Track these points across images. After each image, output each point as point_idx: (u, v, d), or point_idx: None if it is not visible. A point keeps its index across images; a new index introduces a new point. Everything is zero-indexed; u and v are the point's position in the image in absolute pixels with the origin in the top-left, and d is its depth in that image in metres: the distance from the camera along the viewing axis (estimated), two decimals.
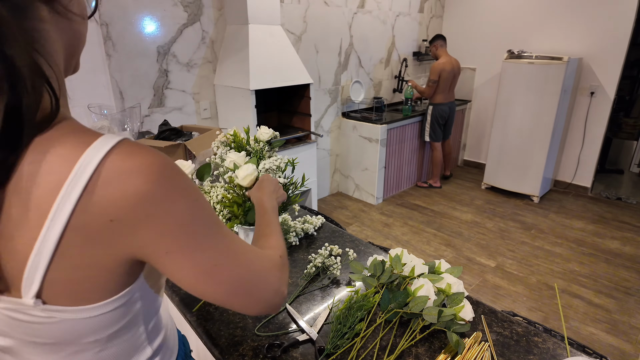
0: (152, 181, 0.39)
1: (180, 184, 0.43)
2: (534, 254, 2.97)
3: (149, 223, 0.40)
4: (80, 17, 0.47)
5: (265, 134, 1.06)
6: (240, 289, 0.49)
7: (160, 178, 0.40)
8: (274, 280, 0.53)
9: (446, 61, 3.77)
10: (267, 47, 2.67)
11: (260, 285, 0.51)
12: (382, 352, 0.82)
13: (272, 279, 0.53)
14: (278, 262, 0.57)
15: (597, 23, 3.64)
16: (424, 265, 1.00)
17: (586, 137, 3.96)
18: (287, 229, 1.28)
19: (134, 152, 0.40)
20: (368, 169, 3.83)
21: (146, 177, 0.39)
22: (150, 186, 0.39)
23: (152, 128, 2.61)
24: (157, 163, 0.40)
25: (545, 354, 0.82)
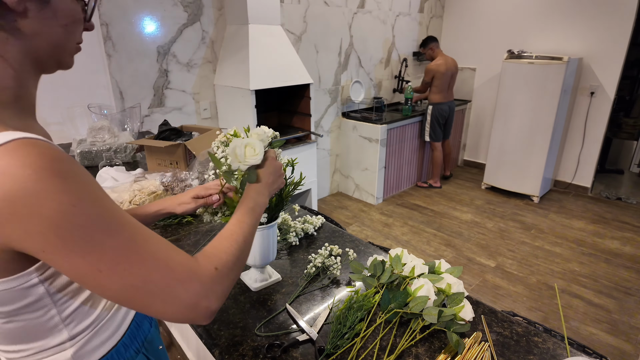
0: (21, 181, 0.40)
1: (55, 185, 0.42)
2: (534, 254, 2.97)
3: (14, 221, 0.41)
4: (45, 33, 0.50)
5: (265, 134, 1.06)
6: (134, 299, 0.47)
7: (29, 179, 0.40)
8: (186, 296, 0.49)
9: (441, 62, 3.80)
10: (267, 47, 2.67)
11: (162, 297, 0.48)
12: (382, 352, 0.82)
13: (181, 291, 0.49)
14: (203, 276, 0.52)
15: (597, 23, 3.64)
16: (424, 265, 1.00)
17: (586, 137, 3.96)
18: (287, 229, 1.28)
19: (9, 152, 0.41)
20: (368, 169, 3.83)
21: (15, 177, 0.40)
22: (18, 186, 0.40)
23: (152, 128, 2.61)
24: (30, 164, 0.41)
25: (545, 354, 0.82)
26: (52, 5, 0.50)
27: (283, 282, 1.06)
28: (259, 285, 1.03)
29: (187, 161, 1.64)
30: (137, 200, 1.34)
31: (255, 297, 1.00)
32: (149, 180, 1.46)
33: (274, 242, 1.00)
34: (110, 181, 1.51)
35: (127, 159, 1.97)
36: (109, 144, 1.92)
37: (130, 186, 1.40)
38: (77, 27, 0.54)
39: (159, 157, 1.68)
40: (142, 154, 2.02)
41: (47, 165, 0.42)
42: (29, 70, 0.51)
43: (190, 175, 1.50)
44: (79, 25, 0.54)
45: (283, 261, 1.17)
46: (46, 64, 0.53)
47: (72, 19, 0.53)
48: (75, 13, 0.53)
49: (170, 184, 1.48)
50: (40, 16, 0.49)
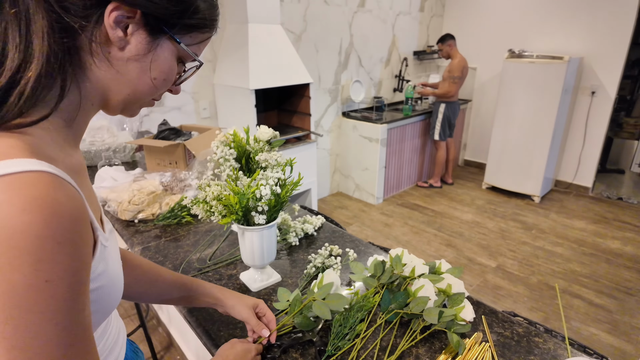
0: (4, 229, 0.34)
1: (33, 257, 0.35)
2: (535, 254, 2.97)
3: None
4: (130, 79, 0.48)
5: (265, 134, 1.05)
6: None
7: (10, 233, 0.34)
8: None
9: (463, 58, 3.77)
10: (267, 46, 2.67)
11: None
12: (383, 352, 0.81)
13: None
14: None
15: (598, 22, 3.64)
16: (425, 265, 1.00)
17: (587, 137, 3.95)
18: (287, 229, 1.27)
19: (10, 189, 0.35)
20: (368, 169, 3.82)
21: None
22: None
23: (151, 127, 2.61)
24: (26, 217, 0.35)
25: (546, 354, 0.81)
26: (155, 55, 0.48)
27: (283, 282, 1.06)
28: (259, 285, 1.03)
29: (187, 161, 1.63)
30: (136, 200, 1.34)
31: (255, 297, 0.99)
32: (148, 180, 1.46)
33: (274, 242, 0.99)
34: (110, 181, 1.51)
35: (126, 158, 1.96)
36: (108, 144, 1.92)
37: (130, 186, 1.40)
38: (164, 86, 0.52)
39: (158, 157, 1.68)
40: (141, 153, 2.02)
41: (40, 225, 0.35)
42: (95, 105, 0.49)
43: (190, 175, 1.49)
44: (167, 85, 0.52)
45: (283, 261, 1.16)
46: (114, 107, 0.51)
47: (163, 77, 0.50)
48: (171, 73, 0.51)
49: (170, 184, 1.48)
50: (138, 60, 0.47)
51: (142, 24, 0.45)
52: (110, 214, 1.38)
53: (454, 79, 3.77)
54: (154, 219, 1.35)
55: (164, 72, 0.50)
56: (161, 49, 0.48)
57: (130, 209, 1.33)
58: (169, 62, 0.50)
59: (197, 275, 1.09)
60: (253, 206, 0.88)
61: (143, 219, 1.35)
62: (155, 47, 0.48)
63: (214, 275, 1.09)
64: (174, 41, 0.49)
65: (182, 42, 0.50)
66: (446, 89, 3.83)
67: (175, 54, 0.50)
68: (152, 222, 1.34)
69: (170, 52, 0.50)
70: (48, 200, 0.36)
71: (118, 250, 0.61)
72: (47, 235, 0.36)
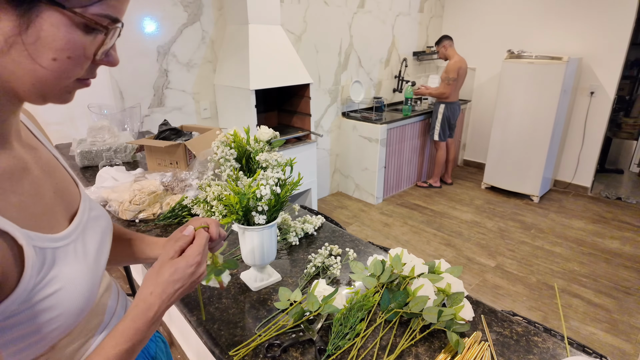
0: None
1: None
2: (534, 254, 2.98)
3: None
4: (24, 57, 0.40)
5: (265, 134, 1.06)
6: None
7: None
8: None
9: (460, 59, 3.77)
10: (267, 47, 2.67)
11: None
12: (382, 351, 0.82)
13: None
14: None
15: (597, 23, 3.64)
16: (424, 265, 1.00)
17: (586, 137, 3.96)
18: (287, 228, 1.28)
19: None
20: (368, 169, 3.83)
21: None
22: None
23: (152, 128, 2.61)
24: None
25: (545, 353, 0.82)
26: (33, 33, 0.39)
27: (283, 282, 1.06)
28: (259, 285, 1.03)
29: (187, 161, 1.64)
30: (137, 200, 1.35)
31: (255, 297, 1.00)
32: (149, 180, 1.46)
33: (274, 242, 1.00)
34: (110, 181, 1.51)
35: (127, 158, 1.97)
36: (109, 144, 1.92)
37: (130, 186, 1.40)
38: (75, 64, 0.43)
39: (159, 157, 1.69)
40: (142, 153, 2.02)
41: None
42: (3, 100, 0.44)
43: (191, 175, 1.50)
44: (79, 62, 0.43)
45: (283, 261, 1.17)
46: (29, 98, 0.44)
47: (66, 55, 0.41)
48: (73, 48, 0.41)
49: (170, 184, 1.48)
50: (14, 45, 0.39)
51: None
52: (111, 214, 1.38)
53: (449, 81, 3.78)
54: (154, 218, 1.36)
55: (59, 49, 0.40)
56: (40, 21, 0.38)
57: (131, 208, 1.33)
58: (60, 35, 0.40)
59: None
60: (253, 206, 0.89)
61: (144, 219, 1.36)
62: (30, 23, 0.38)
63: None
64: (56, 7, 0.38)
65: (69, 5, 0.39)
66: (441, 90, 3.85)
67: (67, 23, 0.40)
68: (153, 222, 1.35)
69: (57, 22, 0.39)
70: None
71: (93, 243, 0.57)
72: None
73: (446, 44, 3.83)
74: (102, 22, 0.42)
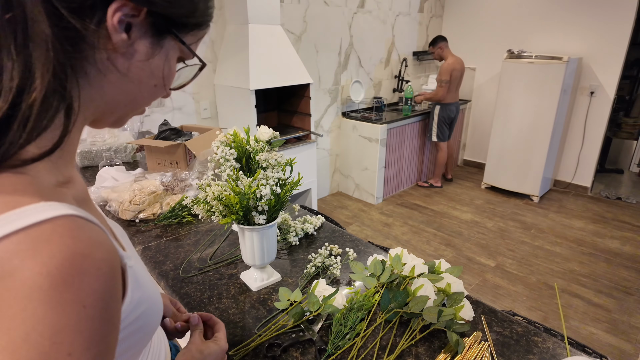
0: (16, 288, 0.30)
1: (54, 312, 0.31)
2: (534, 254, 2.98)
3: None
4: (132, 83, 0.42)
5: (265, 134, 1.06)
6: None
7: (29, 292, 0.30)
8: None
9: (454, 61, 3.76)
10: (267, 47, 2.67)
11: None
12: (382, 351, 0.82)
13: None
14: None
15: (597, 23, 3.64)
16: (424, 265, 1.00)
17: (586, 137, 3.96)
18: (287, 228, 1.28)
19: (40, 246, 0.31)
20: (368, 169, 3.83)
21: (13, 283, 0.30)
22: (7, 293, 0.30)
23: (152, 128, 2.61)
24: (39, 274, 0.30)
25: (545, 353, 0.82)
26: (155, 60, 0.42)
27: (283, 282, 1.06)
28: (259, 285, 1.03)
29: (187, 161, 1.64)
30: (137, 200, 1.35)
31: (255, 297, 1.00)
32: (149, 180, 1.46)
33: (274, 242, 1.00)
34: (111, 181, 1.51)
35: (127, 158, 1.97)
36: (109, 144, 1.92)
37: (131, 186, 1.40)
38: (164, 91, 0.46)
39: (159, 157, 1.69)
40: (142, 153, 2.02)
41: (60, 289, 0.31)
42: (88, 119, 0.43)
43: (191, 175, 1.50)
44: (166, 90, 0.46)
45: (283, 261, 1.17)
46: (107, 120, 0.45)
47: (164, 82, 0.45)
48: (172, 76, 0.46)
49: (170, 184, 1.48)
50: (142, 65, 0.41)
51: (148, 24, 0.40)
52: (111, 214, 1.38)
53: (441, 83, 3.78)
54: (154, 218, 1.36)
55: (167, 76, 0.45)
56: (166, 50, 0.43)
57: (131, 208, 1.33)
58: (172, 65, 0.45)
59: (198, 274, 1.10)
60: (253, 206, 0.89)
61: (144, 219, 1.36)
62: (160, 50, 0.42)
63: (214, 275, 1.09)
64: (178, 42, 0.43)
65: (185, 40, 0.44)
66: (434, 93, 3.88)
67: (177, 55, 0.45)
68: (153, 222, 1.35)
69: (174, 53, 0.44)
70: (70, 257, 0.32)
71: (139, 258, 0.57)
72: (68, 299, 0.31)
73: (442, 45, 3.82)
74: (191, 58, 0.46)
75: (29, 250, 0.31)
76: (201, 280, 1.07)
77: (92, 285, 0.33)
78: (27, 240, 0.31)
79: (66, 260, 0.32)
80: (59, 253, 0.32)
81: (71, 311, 0.32)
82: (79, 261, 0.32)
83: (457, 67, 3.76)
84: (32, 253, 0.31)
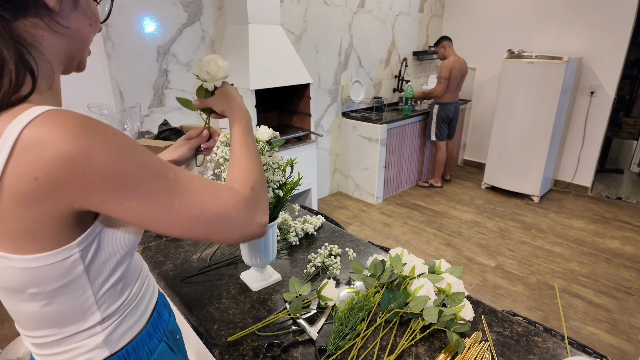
0: (66, 143, 0.43)
1: (98, 140, 0.46)
2: (534, 254, 2.97)
3: (72, 181, 0.45)
4: (75, 31, 0.55)
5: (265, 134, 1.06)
6: (197, 229, 0.53)
7: (75, 139, 0.44)
8: (239, 216, 0.56)
9: (455, 60, 3.78)
10: (267, 47, 2.67)
11: (221, 225, 0.54)
12: (383, 351, 0.82)
13: (236, 215, 0.56)
14: (246, 197, 0.59)
15: (597, 22, 3.64)
16: (424, 265, 1.00)
17: (586, 137, 3.96)
18: (287, 228, 1.28)
19: (49, 119, 0.44)
20: (368, 169, 3.83)
21: (61, 140, 0.43)
22: (65, 147, 0.43)
23: (152, 128, 2.61)
24: (71, 126, 0.45)
25: (546, 353, 0.82)
26: (81, 5, 0.56)
27: (283, 282, 1.06)
28: (259, 285, 1.03)
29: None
30: None
31: (255, 297, 1.00)
32: None
33: (274, 242, 1.00)
34: None
35: None
36: None
37: None
38: (97, 26, 0.60)
39: None
40: None
41: (85, 124, 0.46)
42: (59, 66, 0.56)
43: None
44: (98, 25, 0.60)
45: (283, 261, 1.17)
46: (72, 62, 0.58)
47: (95, 19, 0.59)
48: (97, 13, 0.59)
49: None
50: (73, 15, 0.54)
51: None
52: None
53: (440, 79, 3.82)
54: None
55: (91, 15, 0.58)
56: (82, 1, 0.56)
57: None
58: (92, 5, 0.58)
59: (198, 275, 1.10)
60: None
61: None
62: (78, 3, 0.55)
63: (214, 275, 1.09)
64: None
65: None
66: (432, 89, 3.91)
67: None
68: None
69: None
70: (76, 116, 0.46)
71: None
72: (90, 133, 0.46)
73: (445, 45, 3.85)
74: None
75: (47, 124, 0.44)
76: (201, 280, 1.07)
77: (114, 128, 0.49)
78: (41, 120, 0.44)
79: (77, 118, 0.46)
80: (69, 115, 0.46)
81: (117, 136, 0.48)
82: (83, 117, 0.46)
83: (457, 66, 3.76)
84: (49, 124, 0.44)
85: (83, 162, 0.44)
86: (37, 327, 0.57)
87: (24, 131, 0.43)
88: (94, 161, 0.45)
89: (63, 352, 0.59)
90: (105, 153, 0.46)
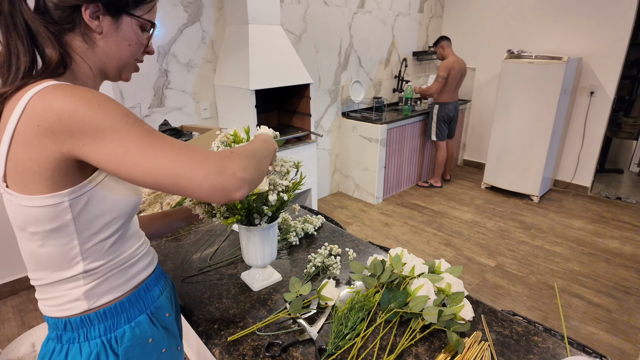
0: (62, 101, 0.55)
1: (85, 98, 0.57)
2: (534, 254, 2.98)
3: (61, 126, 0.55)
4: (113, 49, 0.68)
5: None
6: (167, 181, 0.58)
7: (69, 98, 0.55)
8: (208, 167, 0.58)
9: (455, 60, 3.78)
10: (267, 47, 2.67)
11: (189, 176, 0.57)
12: (382, 351, 0.82)
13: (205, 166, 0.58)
14: (220, 153, 0.62)
15: (597, 23, 3.64)
16: (424, 264, 1.00)
17: (586, 137, 3.96)
18: (287, 228, 1.28)
19: (54, 87, 0.57)
20: (368, 169, 3.83)
21: (58, 99, 0.55)
22: (61, 103, 0.55)
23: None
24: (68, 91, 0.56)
25: (545, 353, 0.82)
26: (122, 29, 0.67)
27: (283, 282, 1.06)
28: (260, 285, 1.03)
29: None
30: None
31: (256, 297, 1.00)
32: None
33: (275, 242, 1.00)
34: None
35: None
36: None
37: None
38: (139, 49, 0.71)
39: None
40: None
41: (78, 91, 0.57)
42: (100, 75, 0.70)
43: None
44: (140, 48, 0.72)
45: (283, 261, 1.17)
46: (112, 74, 0.71)
47: (135, 42, 0.70)
48: (139, 38, 0.70)
49: None
50: (113, 36, 0.67)
51: (106, 11, 0.65)
52: None
53: (437, 78, 3.83)
54: None
55: (133, 39, 0.69)
56: (125, 24, 0.67)
57: None
58: (133, 31, 0.69)
59: (198, 275, 1.10)
60: (259, 209, 0.89)
61: None
62: (120, 24, 0.67)
63: (214, 275, 1.09)
64: (131, 16, 0.68)
65: (136, 14, 0.68)
66: (428, 87, 3.91)
67: (136, 24, 0.69)
68: None
69: (132, 24, 0.68)
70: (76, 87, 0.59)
71: None
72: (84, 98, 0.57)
73: (444, 44, 3.85)
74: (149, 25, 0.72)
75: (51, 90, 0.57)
76: (201, 280, 1.07)
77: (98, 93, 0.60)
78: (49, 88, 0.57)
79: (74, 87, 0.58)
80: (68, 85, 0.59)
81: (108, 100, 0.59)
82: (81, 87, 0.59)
83: (456, 66, 3.76)
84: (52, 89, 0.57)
85: (70, 112, 0.55)
86: (35, 268, 0.67)
87: (35, 94, 0.57)
88: (79, 112, 0.55)
89: (51, 298, 0.68)
90: (88, 105, 0.56)
